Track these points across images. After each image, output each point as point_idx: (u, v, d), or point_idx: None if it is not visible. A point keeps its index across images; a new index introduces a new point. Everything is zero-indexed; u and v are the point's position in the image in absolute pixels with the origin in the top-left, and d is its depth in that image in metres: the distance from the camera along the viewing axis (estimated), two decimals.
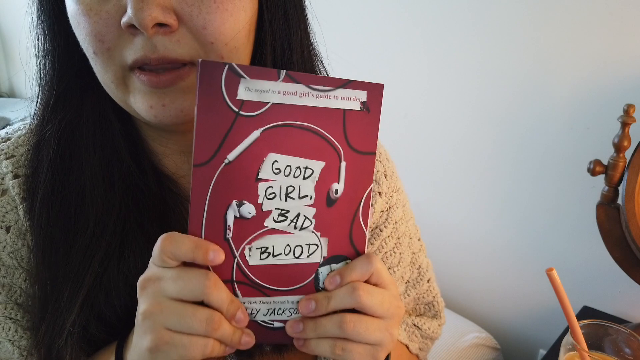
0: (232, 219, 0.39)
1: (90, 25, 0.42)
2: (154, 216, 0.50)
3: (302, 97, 0.38)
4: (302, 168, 0.40)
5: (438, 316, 0.72)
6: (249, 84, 0.37)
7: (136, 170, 0.51)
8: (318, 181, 0.40)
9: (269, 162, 0.39)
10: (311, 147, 0.40)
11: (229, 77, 0.37)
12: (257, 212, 0.39)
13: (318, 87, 0.39)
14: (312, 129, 0.39)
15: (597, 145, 1.05)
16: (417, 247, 0.70)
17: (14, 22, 2.55)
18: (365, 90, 0.40)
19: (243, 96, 0.37)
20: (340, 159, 0.41)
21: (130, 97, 0.45)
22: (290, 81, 0.38)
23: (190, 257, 0.38)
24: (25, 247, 0.52)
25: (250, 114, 0.38)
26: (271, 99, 0.38)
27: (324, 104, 0.39)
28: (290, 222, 0.41)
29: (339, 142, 0.40)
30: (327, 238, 0.42)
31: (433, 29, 1.28)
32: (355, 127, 0.41)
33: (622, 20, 1.00)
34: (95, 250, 0.48)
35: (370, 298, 0.41)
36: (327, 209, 0.41)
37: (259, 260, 0.40)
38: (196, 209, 0.38)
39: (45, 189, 0.49)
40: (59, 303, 0.48)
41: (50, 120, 0.50)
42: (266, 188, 0.39)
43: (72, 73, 0.50)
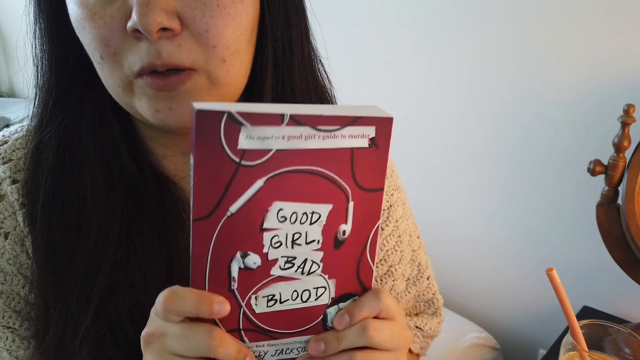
0: (237, 270, 0.37)
1: (95, 29, 0.42)
2: (154, 220, 0.50)
3: (308, 140, 0.36)
4: (308, 213, 0.38)
5: (438, 313, 0.72)
6: (250, 131, 0.34)
7: (136, 172, 0.51)
8: (325, 224, 0.38)
9: (274, 211, 0.37)
10: (318, 191, 0.37)
11: (229, 126, 0.34)
12: (263, 261, 0.38)
13: (325, 127, 0.36)
14: (318, 172, 0.37)
15: (597, 145, 1.05)
16: (416, 244, 0.70)
17: (14, 22, 2.55)
18: (373, 126, 0.37)
19: (244, 145, 0.34)
20: (348, 199, 0.39)
21: (135, 101, 0.45)
22: (295, 124, 0.35)
23: (194, 313, 0.36)
24: (24, 253, 0.51)
25: (252, 163, 0.35)
26: (274, 146, 0.35)
27: (330, 145, 0.36)
28: (298, 268, 0.39)
29: (347, 183, 0.38)
30: (334, 279, 0.40)
31: (432, 28, 1.28)
32: (364, 165, 0.38)
33: (622, 20, 1.00)
34: (101, 254, 0.48)
35: (381, 335, 0.40)
36: (334, 251, 0.40)
37: (266, 307, 0.39)
38: (198, 263, 0.36)
39: (46, 193, 0.49)
40: (67, 308, 0.48)
41: (49, 123, 0.49)
42: (271, 237, 0.37)
43: (70, 74, 0.49)
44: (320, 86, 0.56)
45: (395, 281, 0.66)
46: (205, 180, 0.35)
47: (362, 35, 1.42)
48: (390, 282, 0.66)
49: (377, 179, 0.39)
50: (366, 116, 0.37)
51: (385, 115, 0.38)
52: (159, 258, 0.50)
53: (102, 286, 0.48)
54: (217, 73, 0.45)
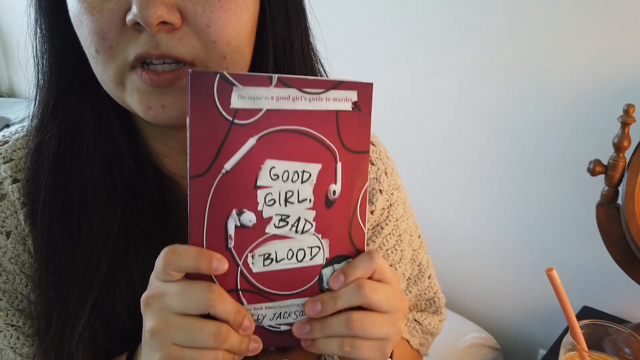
0: (233, 228, 0.39)
1: (93, 22, 0.42)
2: (154, 219, 0.50)
3: (295, 101, 0.38)
4: (299, 172, 0.40)
5: (439, 312, 0.72)
6: (241, 91, 0.36)
7: (137, 171, 0.51)
8: (316, 184, 0.40)
9: (267, 169, 0.39)
10: (307, 151, 0.40)
11: (221, 86, 0.36)
12: (258, 219, 0.39)
13: (310, 90, 0.39)
14: (307, 132, 0.39)
15: (597, 145, 1.05)
16: (417, 244, 0.70)
17: (14, 22, 2.55)
18: (355, 90, 0.40)
19: (236, 104, 0.37)
20: (336, 160, 0.41)
21: (127, 97, 0.45)
22: (283, 86, 0.38)
23: (194, 267, 0.37)
24: (26, 252, 0.51)
25: (244, 122, 0.37)
26: (265, 106, 0.37)
27: (317, 107, 0.39)
28: (292, 227, 0.40)
29: (334, 144, 0.40)
30: (328, 239, 0.42)
31: (432, 28, 1.28)
32: (348, 128, 0.41)
33: (622, 20, 1.00)
34: (101, 253, 0.48)
35: (376, 294, 0.41)
36: (326, 210, 0.41)
37: (263, 267, 0.40)
38: (196, 220, 0.38)
39: (47, 192, 0.49)
40: (67, 307, 0.48)
41: (50, 122, 0.50)
42: (265, 195, 0.39)
43: (71, 74, 0.49)
44: None
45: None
46: (201, 139, 0.36)
47: (361, 34, 1.42)
48: None
49: (362, 141, 0.42)
50: (348, 81, 0.40)
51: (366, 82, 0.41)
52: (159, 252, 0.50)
53: (99, 283, 0.48)
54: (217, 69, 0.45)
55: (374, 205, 0.62)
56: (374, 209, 0.62)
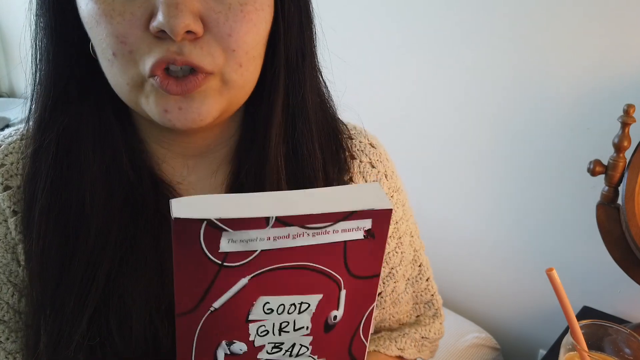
0: (223, 357, 0.37)
1: (112, 25, 0.41)
2: (148, 230, 0.50)
3: (296, 239, 0.34)
4: (297, 304, 0.37)
5: (438, 314, 0.73)
6: (232, 236, 0.33)
7: (134, 178, 0.50)
8: (315, 312, 0.37)
9: (260, 305, 0.36)
10: (307, 284, 0.36)
11: (209, 233, 0.32)
12: (249, 348, 0.37)
13: (314, 225, 0.34)
14: (307, 266, 0.35)
15: (597, 145, 1.05)
16: (418, 244, 0.70)
17: (14, 22, 2.55)
18: (370, 219, 0.35)
19: (226, 248, 0.33)
20: (340, 288, 0.37)
21: (142, 99, 0.45)
22: (281, 226, 0.33)
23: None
24: (15, 261, 0.51)
25: (235, 264, 0.34)
26: (259, 247, 0.34)
27: (321, 241, 0.35)
28: (285, 352, 0.39)
29: (339, 273, 0.36)
30: (324, 358, 0.40)
31: (432, 27, 1.28)
32: (358, 255, 0.36)
33: (622, 20, 1.00)
34: (98, 263, 0.48)
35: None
36: (324, 334, 0.39)
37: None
38: (183, 351, 0.36)
39: (44, 199, 0.48)
40: (63, 315, 0.47)
41: (48, 127, 0.49)
42: (258, 327, 0.37)
43: (70, 75, 0.48)
44: (322, 94, 0.57)
45: (397, 283, 0.66)
46: (187, 280, 0.34)
47: (362, 35, 1.42)
48: (392, 284, 0.66)
49: (373, 266, 0.37)
50: (362, 210, 0.35)
51: (384, 207, 0.35)
52: (150, 267, 0.49)
53: (97, 293, 0.47)
54: (232, 76, 0.45)
55: None
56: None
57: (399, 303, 0.68)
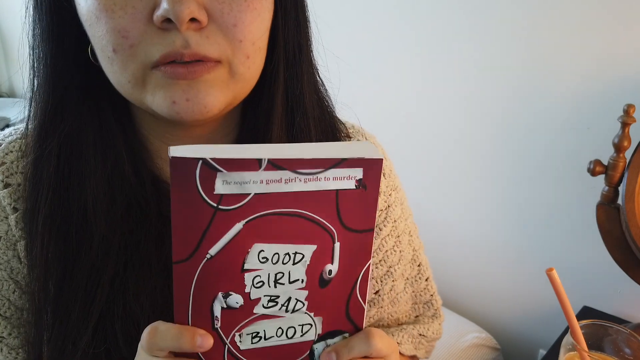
0: (219, 310, 0.37)
1: (113, 20, 0.41)
2: (151, 234, 0.49)
3: (288, 183, 0.35)
4: (291, 254, 0.37)
5: (437, 314, 0.73)
6: (226, 177, 0.34)
7: (136, 183, 0.50)
8: (309, 264, 0.38)
9: (255, 253, 0.36)
10: (300, 232, 0.37)
11: (204, 172, 0.33)
12: (245, 300, 0.38)
13: (305, 170, 0.35)
14: (300, 214, 0.36)
15: (597, 145, 1.05)
16: (417, 244, 0.70)
17: (14, 22, 2.55)
18: (361, 168, 0.36)
19: (221, 190, 0.34)
20: (334, 240, 0.38)
21: (148, 96, 0.44)
22: (274, 169, 0.34)
23: (176, 347, 0.36)
24: (15, 258, 0.51)
25: (230, 208, 0.35)
26: (253, 190, 0.34)
27: (313, 187, 0.35)
28: (281, 307, 0.39)
29: (332, 224, 0.37)
30: (321, 317, 0.40)
31: (432, 27, 1.28)
32: (351, 206, 0.37)
33: (622, 20, 1.00)
34: (103, 268, 0.48)
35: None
36: (320, 289, 0.39)
37: (251, 344, 0.39)
38: (181, 302, 0.36)
39: (47, 208, 0.48)
40: (68, 322, 0.47)
41: (49, 134, 0.48)
42: (253, 277, 0.37)
43: (69, 79, 0.48)
44: (320, 91, 0.57)
45: (395, 281, 0.66)
46: (184, 225, 0.34)
47: (364, 34, 1.42)
48: (390, 283, 0.66)
49: (367, 219, 0.38)
50: (352, 158, 0.35)
51: (375, 156, 0.36)
52: (155, 272, 0.49)
53: (102, 300, 0.47)
54: (240, 68, 0.45)
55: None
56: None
57: (398, 302, 0.68)
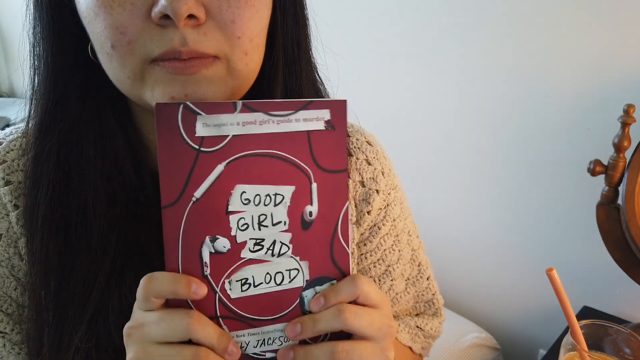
0: (208, 255, 0.39)
1: (112, 16, 0.41)
2: (151, 232, 0.50)
3: (263, 125, 0.38)
4: (271, 195, 0.39)
5: (438, 314, 0.72)
6: (206, 119, 0.37)
7: (136, 181, 0.50)
8: (290, 206, 0.40)
9: (237, 194, 0.38)
10: (278, 173, 0.39)
11: (185, 116, 0.37)
12: (232, 244, 0.39)
13: (277, 112, 0.38)
14: (277, 154, 0.39)
15: (597, 145, 1.05)
16: (416, 244, 0.70)
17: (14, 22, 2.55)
18: (328, 109, 0.40)
19: (202, 132, 0.37)
20: (311, 180, 0.40)
21: (147, 92, 0.44)
22: (248, 111, 0.38)
23: (172, 291, 0.37)
24: (17, 255, 0.51)
25: (211, 149, 0.38)
26: (231, 132, 0.38)
27: (286, 129, 0.39)
28: (267, 250, 0.40)
29: (307, 164, 0.40)
30: (307, 261, 0.41)
31: (432, 26, 1.28)
32: (322, 147, 0.40)
33: (622, 20, 1.00)
34: (99, 266, 0.48)
35: (359, 320, 0.40)
36: (303, 232, 0.40)
37: (241, 292, 0.40)
38: (170, 249, 0.38)
39: (46, 205, 0.48)
40: (65, 319, 0.48)
41: (49, 132, 0.48)
42: (238, 220, 0.39)
43: (69, 78, 0.48)
44: (319, 90, 0.57)
45: (394, 281, 0.66)
46: (170, 169, 0.37)
47: (360, 35, 1.42)
48: (389, 282, 0.66)
49: (338, 160, 0.41)
50: (318, 100, 0.39)
51: (338, 99, 0.40)
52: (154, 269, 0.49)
53: (97, 296, 0.47)
54: (238, 65, 0.45)
55: (370, 205, 0.62)
56: (370, 209, 0.62)
57: (398, 302, 0.68)
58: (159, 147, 0.36)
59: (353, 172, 0.61)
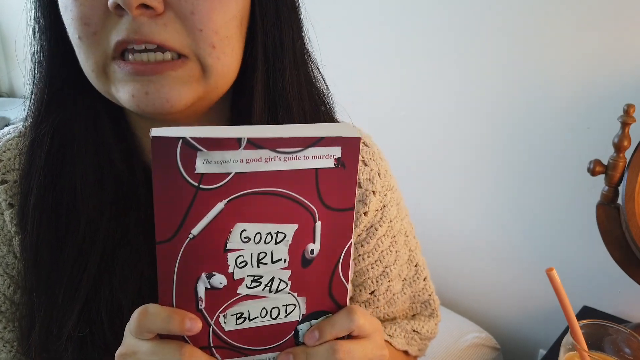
0: (203, 291, 0.37)
1: (77, 8, 0.41)
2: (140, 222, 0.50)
3: (268, 163, 0.36)
4: (273, 234, 0.38)
5: (434, 314, 0.72)
6: (207, 156, 0.34)
7: (126, 171, 0.50)
8: (291, 244, 0.38)
9: (237, 232, 0.37)
10: (282, 212, 0.37)
11: (185, 152, 0.34)
12: (229, 281, 0.38)
13: (285, 149, 0.36)
14: (281, 193, 0.37)
15: (597, 145, 1.05)
16: (413, 244, 0.70)
17: (14, 21, 2.55)
18: (339, 146, 0.37)
19: (202, 169, 0.35)
20: (315, 219, 0.38)
21: (111, 87, 0.44)
22: (253, 148, 0.35)
23: (165, 329, 0.37)
24: (11, 253, 0.51)
25: (211, 187, 0.35)
26: (233, 169, 0.35)
27: (293, 166, 0.36)
28: (265, 287, 0.39)
29: (312, 203, 0.38)
30: (305, 297, 0.40)
31: (432, 27, 1.28)
32: (330, 185, 0.38)
33: (623, 20, 1.00)
34: (89, 254, 0.48)
35: (351, 357, 0.39)
36: (302, 269, 0.39)
37: (235, 325, 0.39)
38: (165, 283, 0.37)
39: (38, 190, 0.49)
40: (54, 306, 0.48)
41: (44, 119, 0.49)
42: (236, 257, 0.37)
43: (67, 73, 0.49)
44: (314, 88, 0.56)
45: (391, 282, 0.66)
46: (166, 205, 0.35)
47: (358, 36, 1.42)
48: (386, 283, 0.66)
49: (346, 198, 0.38)
50: (330, 136, 0.36)
51: (352, 135, 0.37)
52: (142, 259, 0.49)
53: (88, 285, 0.48)
54: (208, 60, 0.44)
55: (367, 206, 0.62)
56: (367, 210, 0.62)
57: (395, 303, 0.68)
58: (154, 181, 0.34)
59: None
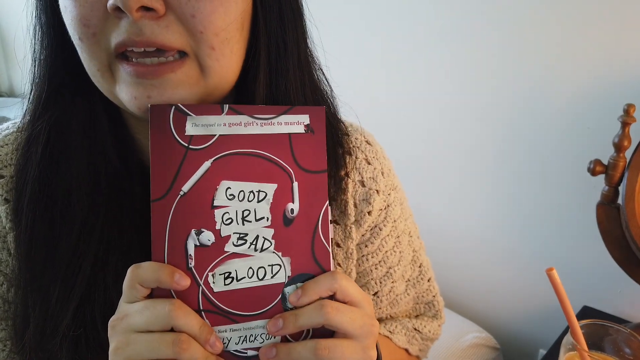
0: (193, 248, 0.40)
1: (76, 9, 0.41)
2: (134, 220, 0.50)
3: (247, 127, 0.42)
4: (255, 192, 0.42)
5: (438, 316, 0.72)
6: (195, 120, 0.41)
7: (122, 170, 0.50)
8: (272, 202, 0.42)
9: (223, 189, 0.41)
10: (262, 172, 0.42)
11: (176, 116, 0.40)
12: (216, 238, 0.41)
13: (261, 115, 0.42)
14: (260, 154, 0.42)
15: (597, 145, 1.05)
16: (417, 245, 0.69)
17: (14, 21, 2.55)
18: (307, 114, 0.43)
19: (191, 131, 0.41)
20: (292, 179, 0.43)
21: (116, 87, 0.44)
22: (234, 113, 0.41)
23: (156, 279, 0.38)
24: (5, 250, 0.51)
25: (199, 147, 0.41)
26: (218, 131, 0.41)
27: (268, 131, 0.42)
28: (250, 245, 0.42)
29: (289, 164, 0.43)
30: (289, 257, 0.43)
31: (433, 28, 1.28)
32: (303, 149, 0.43)
33: (623, 20, 1.00)
34: (84, 252, 0.48)
35: (340, 315, 0.40)
36: (285, 228, 0.42)
37: (224, 286, 0.41)
38: (157, 241, 0.40)
39: (33, 186, 0.49)
40: (48, 304, 0.48)
41: (41, 116, 0.49)
42: (222, 214, 0.41)
43: (65, 71, 0.49)
44: (317, 89, 0.55)
45: (395, 283, 0.66)
46: (160, 164, 0.40)
47: (359, 37, 1.42)
48: (390, 284, 0.65)
49: (318, 161, 0.44)
50: (298, 106, 0.43)
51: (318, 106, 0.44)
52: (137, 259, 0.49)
53: (82, 284, 0.48)
54: (207, 61, 0.44)
55: (371, 205, 0.61)
56: (371, 209, 0.61)
57: (398, 304, 0.68)
58: (151, 144, 0.39)
59: (353, 172, 0.60)
